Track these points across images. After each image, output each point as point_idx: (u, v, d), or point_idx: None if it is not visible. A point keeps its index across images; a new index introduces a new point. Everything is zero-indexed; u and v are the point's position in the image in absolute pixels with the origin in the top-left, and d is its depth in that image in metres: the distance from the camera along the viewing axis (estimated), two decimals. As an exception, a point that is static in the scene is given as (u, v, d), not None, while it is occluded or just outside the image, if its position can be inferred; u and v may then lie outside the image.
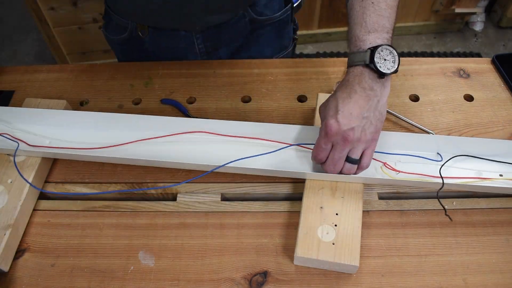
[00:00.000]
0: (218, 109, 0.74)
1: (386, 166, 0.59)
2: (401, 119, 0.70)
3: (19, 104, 0.73)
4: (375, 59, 0.54)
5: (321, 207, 0.58)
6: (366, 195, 0.62)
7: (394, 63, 0.55)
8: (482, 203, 0.61)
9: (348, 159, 0.56)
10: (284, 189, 0.64)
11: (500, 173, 0.60)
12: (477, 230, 0.59)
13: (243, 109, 0.74)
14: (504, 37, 2.21)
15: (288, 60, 0.81)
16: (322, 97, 0.70)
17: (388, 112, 0.71)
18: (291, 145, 0.63)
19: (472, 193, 0.62)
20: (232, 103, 0.75)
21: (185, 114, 0.72)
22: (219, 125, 0.66)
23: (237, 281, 0.55)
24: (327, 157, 0.57)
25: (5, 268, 0.56)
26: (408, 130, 0.70)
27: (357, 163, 0.56)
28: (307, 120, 0.71)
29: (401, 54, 0.74)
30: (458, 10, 2.08)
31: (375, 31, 0.56)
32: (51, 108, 0.70)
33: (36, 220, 0.62)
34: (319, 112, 0.58)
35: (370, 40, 0.55)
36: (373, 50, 0.54)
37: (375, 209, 0.61)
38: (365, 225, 0.58)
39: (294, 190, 0.63)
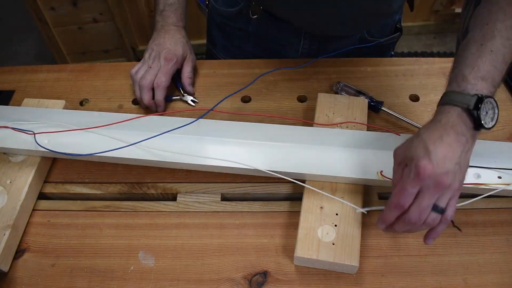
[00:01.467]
0: (218, 109, 0.74)
1: (382, 175, 0.59)
2: (401, 119, 0.70)
3: (19, 104, 0.73)
4: (481, 108, 0.48)
5: (321, 207, 0.58)
6: (366, 195, 0.62)
7: (492, 120, 0.50)
8: (482, 203, 0.61)
9: (434, 208, 0.47)
10: (284, 189, 0.64)
11: (499, 175, 0.60)
12: (477, 230, 0.59)
13: (243, 109, 0.74)
14: (504, 37, 2.21)
15: (288, 60, 0.81)
16: (322, 97, 0.70)
17: (388, 112, 0.71)
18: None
19: (472, 193, 0.62)
20: (232, 103, 0.75)
21: (178, 89, 0.77)
22: (218, 126, 0.66)
23: (237, 281, 0.55)
24: (411, 204, 0.48)
25: (5, 268, 0.56)
26: (408, 130, 0.70)
27: (442, 213, 0.48)
28: (307, 120, 0.71)
29: (401, 54, 0.74)
30: (458, 10, 2.08)
31: (486, 81, 0.49)
32: (50, 108, 0.70)
33: (36, 220, 0.62)
34: (395, 155, 0.51)
35: (479, 87, 0.49)
36: (480, 98, 0.48)
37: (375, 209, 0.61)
38: (365, 225, 0.58)
39: (294, 190, 0.63)
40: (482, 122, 0.48)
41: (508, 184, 0.59)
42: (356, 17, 0.74)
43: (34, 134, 0.64)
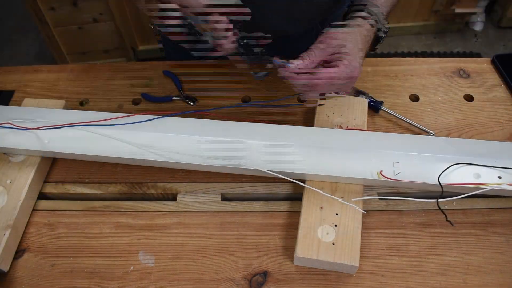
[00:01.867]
0: (216, 111, 0.74)
1: (382, 175, 0.59)
2: (401, 119, 0.70)
3: (19, 104, 0.73)
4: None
5: (321, 207, 0.58)
6: (366, 195, 0.62)
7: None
8: (482, 203, 0.61)
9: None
10: (284, 189, 0.64)
11: (499, 175, 0.60)
12: (477, 230, 0.59)
13: (243, 109, 0.74)
14: (504, 37, 2.21)
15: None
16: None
17: (388, 112, 0.71)
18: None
19: (472, 193, 0.62)
20: (232, 103, 0.75)
21: (179, 90, 0.77)
22: (218, 126, 0.66)
23: (237, 281, 0.55)
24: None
25: (5, 268, 0.56)
26: (408, 130, 0.70)
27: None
28: (307, 120, 0.71)
29: (401, 54, 0.75)
30: (458, 10, 2.08)
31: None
32: (50, 108, 0.70)
33: (36, 220, 0.62)
34: (333, 37, 0.56)
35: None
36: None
37: (375, 209, 0.61)
38: (365, 225, 0.58)
39: (294, 190, 0.63)
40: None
41: (508, 184, 0.59)
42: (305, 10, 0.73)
43: (38, 128, 0.65)
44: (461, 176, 0.59)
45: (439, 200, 0.56)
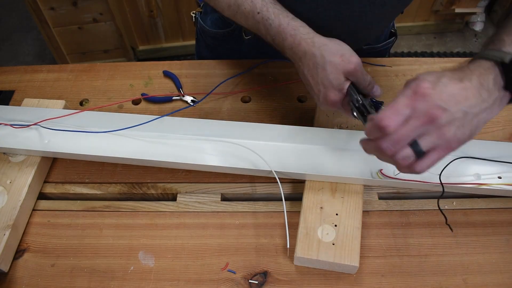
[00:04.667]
0: (218, 109, 0.74)
1: (382, 174, 0.59)
2: (401, 119, 0.70)
3: (19, 104, 0.73)
4: None
5: (321, 207, 0.58)
6: (366, 195, 0.62)
7: None
8: (482, 203, 0.61)
9: (413, 145, 0.42)
10: (284, 189, 0.64)
11: (499, 175, 0.60)
12: (477, 230, 0.59)
13: (243, 109, 0.74)
14: (504, 37, 2.21)
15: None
16: (322, 97, 0.70)
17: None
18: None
19: (472, 194, 0.62)
20: (232, 103, 0.75)
21: (179, 90, 0.77)
22: (219, 126, 0.66)
23: (237, 281, 0.55)
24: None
25: (5, 268, 0.56)
26: (408, 130, 0.70)
27: (420, 156, 0.43)
28: (307, 120, 0.71)
29: (401, 54, 0.74)
30: (458, 10, 2.08)
31: None
32: (50, 108, 0.70)
33: (36, 220, 0.62)
34: (407, 83, 0.44)
35: None
36: None
37: (375, 209, 0.61)
38: (365, 225, 0.58)
39: (294, 190, 0.63)
40: None
41: (508, 184, 0.59)
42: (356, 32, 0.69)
43: (39, 124, 0.64)
44: (462, 176, 0.59)
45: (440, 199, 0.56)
